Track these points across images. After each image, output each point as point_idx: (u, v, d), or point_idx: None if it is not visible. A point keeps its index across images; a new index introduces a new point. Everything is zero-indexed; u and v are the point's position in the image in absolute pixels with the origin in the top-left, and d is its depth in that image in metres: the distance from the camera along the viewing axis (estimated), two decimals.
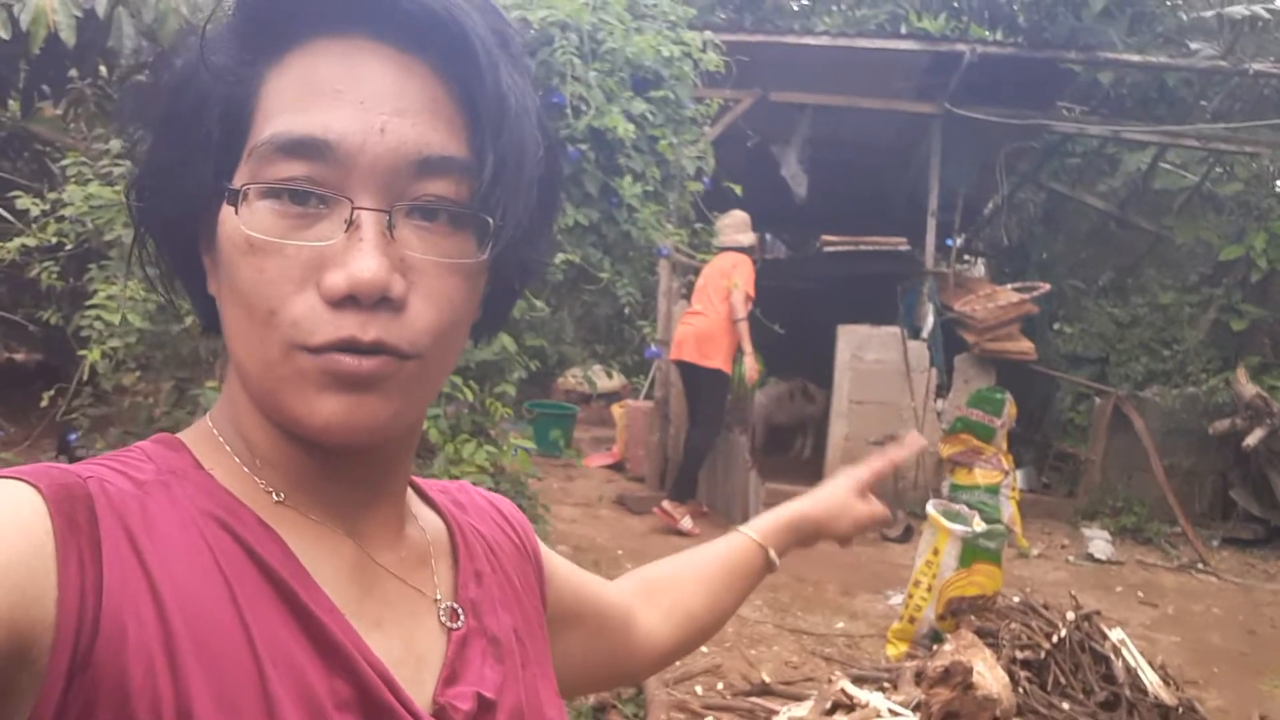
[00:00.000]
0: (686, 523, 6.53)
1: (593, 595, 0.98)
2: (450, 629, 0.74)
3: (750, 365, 6.65)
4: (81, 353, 2.80)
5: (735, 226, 6.75)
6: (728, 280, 6.49)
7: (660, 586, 1.07)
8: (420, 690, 0.68)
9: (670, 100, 3.67)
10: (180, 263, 0.72)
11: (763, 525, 1.14)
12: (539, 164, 0.70)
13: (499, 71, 0.65)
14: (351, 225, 0.62)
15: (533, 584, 0.88)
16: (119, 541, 0.57)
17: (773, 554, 1.12)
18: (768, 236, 13.78)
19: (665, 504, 6.61)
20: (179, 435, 0.71)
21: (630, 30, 3.61)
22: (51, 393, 3.02)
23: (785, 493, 8.14)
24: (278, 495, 0.68)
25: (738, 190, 4.77)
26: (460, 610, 0.75)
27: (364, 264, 0.61)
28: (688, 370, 6.78)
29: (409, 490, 0.80)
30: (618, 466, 8.59)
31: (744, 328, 6.55)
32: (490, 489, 2.85)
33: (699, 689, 4.03)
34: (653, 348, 4.36)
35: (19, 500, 0.55)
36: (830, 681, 4.03)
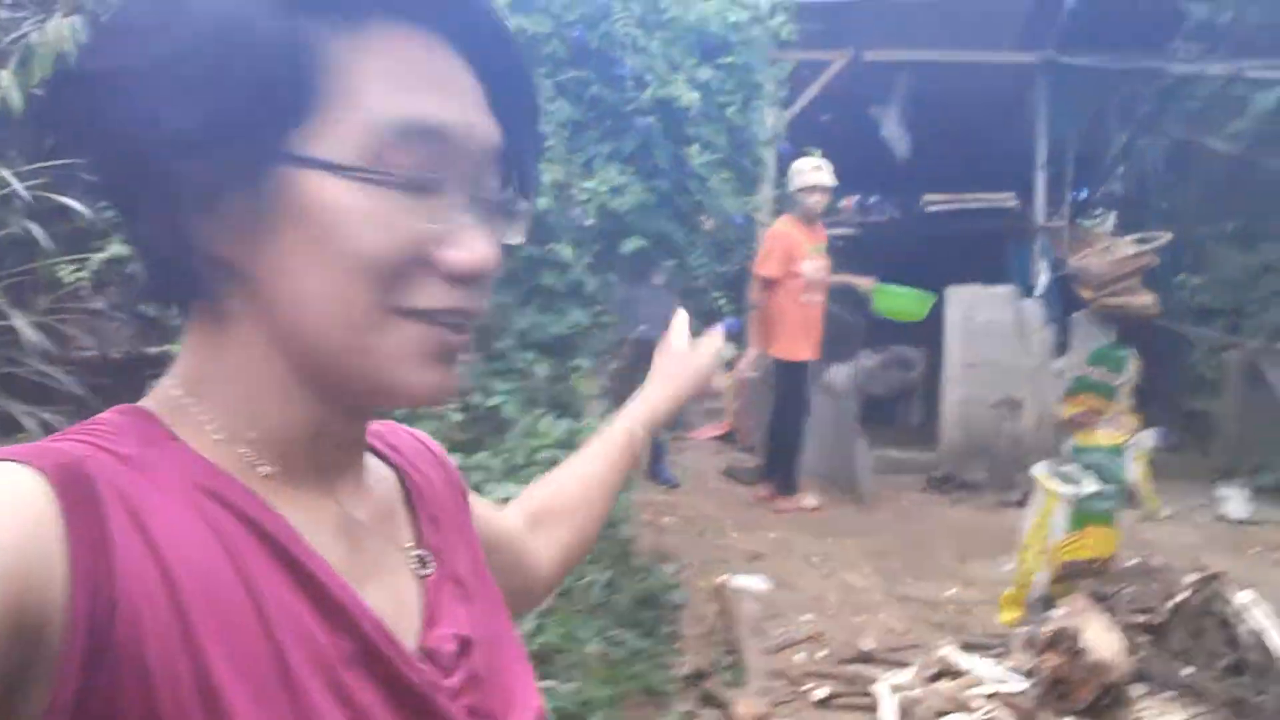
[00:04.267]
0: (809, 500, 6.34)
1: (501, 528, 0.99)
2: (422, 575, 0.76)
3: (865, 283, 6.43)
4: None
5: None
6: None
7: (548, 508, 1.09)
8: (408, 639, 0.70)
9: (739, 66, 3.62)
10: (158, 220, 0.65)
11: (631, 410, 1.20)
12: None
13: (533, 72, 0.73)
14: (460, 210, 0.66)
15: (466, 518, 0.89)
16: (123, 520, 0.57)
17: (638, 430, 1.17)
18: (874, 199, 13.50)
19: (780, 504, 6.27)
20: (141, 405, 0.68)
21: None
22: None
23: (898, 460, 7.92)
24: (259, 462, 0.67)
25: (818, 154, 4.68)
26: (427, 556, 0.77)
27: (488, 248, 0.68)
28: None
29: None
30: (727, 437, 8.52)
31: (820, 284, 6.07)
32: None
33: (799, 656, 4.00)
34: (731, 319, 4.30)
35: (24, 483, 0.55)
36: (935, 649, 3.95)
